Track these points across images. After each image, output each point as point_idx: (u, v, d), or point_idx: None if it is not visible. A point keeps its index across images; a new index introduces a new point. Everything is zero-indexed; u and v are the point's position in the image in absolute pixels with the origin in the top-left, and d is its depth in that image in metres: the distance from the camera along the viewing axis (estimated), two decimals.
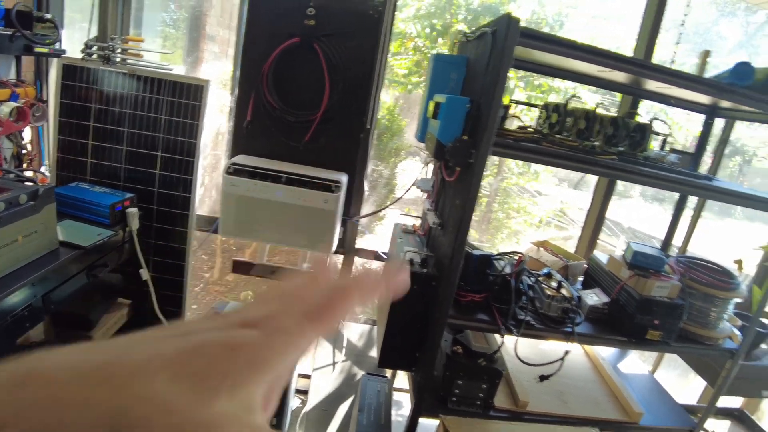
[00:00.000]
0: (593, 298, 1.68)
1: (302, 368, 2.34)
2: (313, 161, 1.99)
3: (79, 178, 1.91)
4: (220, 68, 3.29)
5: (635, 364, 2.20)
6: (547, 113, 1.64)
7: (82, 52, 1.92)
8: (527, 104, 1.64)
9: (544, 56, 1.59)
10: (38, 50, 1.84)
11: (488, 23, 1.45)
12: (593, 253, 1.98)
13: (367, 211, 2.14)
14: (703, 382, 2.10)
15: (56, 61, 1.92)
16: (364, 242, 2.28)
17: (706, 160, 2.21)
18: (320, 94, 1.93)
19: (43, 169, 2.10)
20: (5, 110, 1.75)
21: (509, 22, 1.27)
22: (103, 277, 1.67)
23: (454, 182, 1.47)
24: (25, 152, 2.01)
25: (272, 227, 1.80)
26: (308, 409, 1.96)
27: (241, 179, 1.78)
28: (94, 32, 2.01)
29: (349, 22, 1.91)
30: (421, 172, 1.88)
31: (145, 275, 1.86)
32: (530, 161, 1.59)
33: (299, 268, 2.07)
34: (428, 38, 3.75)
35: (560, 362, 1.54)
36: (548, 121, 1.63)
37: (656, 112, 3.71)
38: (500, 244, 4.65)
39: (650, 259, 1.67)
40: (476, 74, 1.49)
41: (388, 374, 2.12)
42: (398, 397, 2.30)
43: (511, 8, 4.03)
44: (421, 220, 1.90)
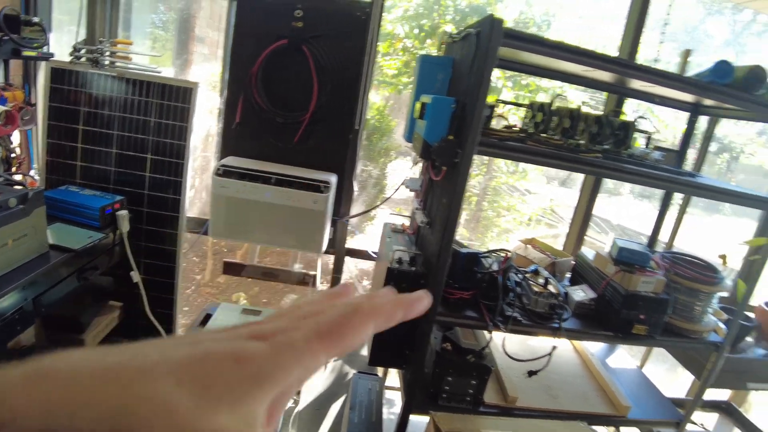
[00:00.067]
0: (580, 294, 1.71)
1: None
2: (302, 162, 2.00)
3: (68, 181, 1.91)
4: (209, 69, 3.30)
5: (624, 359, 2.23)
6: (532, 112, 1.67)
7: (70, 55, 1.92)
8: (513, 104, 1.66)
9: (529, 56, 1.61)
10: (26, 54, 1.84)
11: (473, 24, 1.47)
12: (581, 249, 2.01)
13: (356, 211, 2.15)
14: (691, 375, 2.13)
15: (44, 64, 1.92)
16: (354, 242, 2.30)
17: (698, 157, 2.25)
18: (309, 95, 1.94)
19: (32, 172, 2.10)
20: None
21: (493, 23, 1.28)
22: (93, 279, 1.68)
23: (441, 181, 1.48)
24: (14, 156, 2.01)
25: (262, 228, 1.81)
26: (300, 408, 1.97)
27: (230, 181, 1.79)
28: (82, 35, 2.02)
29: (336, 23, 1.93)
30: (410, 171, 1.90)
31: (135, 278, 1.87)
32: (515, 160, 1.61)
33: (290, 269, 2.08)
34: (417, 38, 3.77)
35: (548, 357, 1.57)
36: (534, 120, 1.65)
37: (644, 110, 3.76)
38: (490, 242, 4.68)
39: (635, 255, 1.70)
40: (462, 75, 1.51)
41: (379, 372, 2.14)
42: (390, 395, 2.31)
43: (498, 8, 4.06)
44: (410, 219, 1.92)
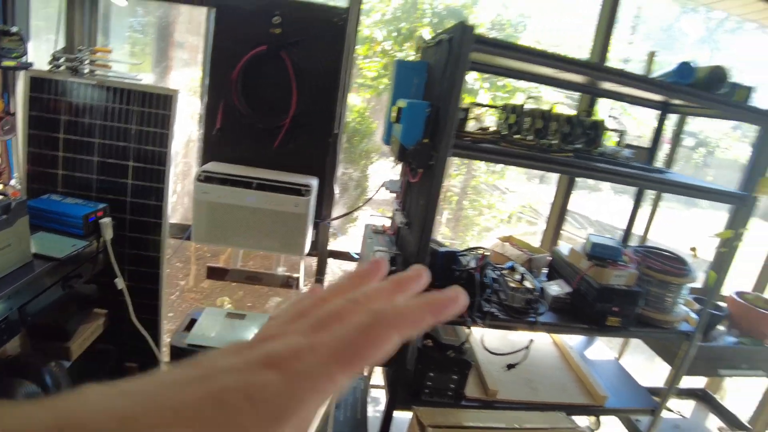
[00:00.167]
0: (556, 288, 1.77)
1: None
2: (283, 166, 2.03)
3: (50, 190, 1.92)
4: (189, 75, 3.30)
5: (602, 350, 2.30)
6: (506, 114, 1.72)
7: (49, 63, 1.93)
8: (487, 106, 1.71)
9: (503, 59, 1.67)
10: (5, 64, 1.84)
11: (446, 30, 1.52)
12: (557, 246, 2.07)
13: (338, 213, 2.19)
14: (667, 365, 2.21)
15: (23, 73, 1.92)
16: (337, 244, 2.34)
17: (669, 153, 2.33)
18: (288, 100, 1.98)
19: (13, 182, 2.09)
20: None
21: (464, 29, 1.33)
22: (78, 288, 1.69)
23: (417, 183, 1.53)
24: None
25: (245, 232, 1.84)
26: None
27: (212, 186, 1.82)
28: (60, 43, 2.02)
29: (314, 29, 1.96)
30: (391, 172, 1.95)
31: (120, 284, 1.88)
32: (489, 161, 1.66)
33: (274, 272, 2.11)
34: (395, 41, 3.83)
35: (525, 351, 1.62)
36: (507, 122, 1.70)
37: (619, 109, 3.84)
38: (472, 240, 4.75)
39: (608, 250, 1.77)
40: (436, 79, 1.55)
41: (365, 371, 2.18)
42: (376, 393, 2.35)
43: (475, 11, 4.13)
44: (391, 220, 1.96)
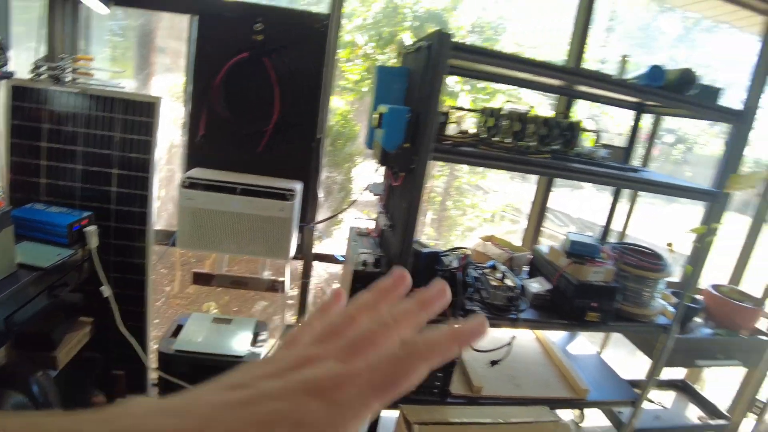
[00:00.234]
0: (536, 286, 1.82)
1: None
2: (267, 171, 2.05)
3: (34, 199, 1.92)
4: (172, 80, 3.30)
5: (584, 345, 2.36)
6: (485, 117, 1.76)
7: (31, 72, 1.93)
8: (466, 110, 1.75)
9: (481, 64, 1.71)
10: None
11: (425, 37, 1.56)
12: (538, 244, 2.12)
13: (323, 216, 2.22)
14: (648, 358, 2.27)
15: (5, 82, 1.92)
16: (322, 247, 2.37)
17: (646, 152, 2.40)
18: (271, 105, 2.00)
19: None
20: None
21: (441, 37, 1.37)
22: (64, 296, 1.69)
23: (400, 186, 1.57)
24: None
25: (230, 238, 1.86)
26: None
27: (196, 192, 1.83)
28: (41, 51, 2.01)
29: (296, 35, 1.99)
30: (375, 175, 1.98)
31: (106, 292, 1.88)
32: (469, 164, 1.70)
33: (259, 276, 2.13)
34: (377, 45, 3.86)
35: (508, 347, 1.67)
36: (486, 125, 1.75)
37: (599, 110, 3.92)
38: (456, 240, 4.81)
39: (586, 247, 1.82)
40: (416, 85, 1.59)
41: None
42: None
43: (456, 14, 4.18)
44: (375, 222, 1.99)
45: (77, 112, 1.88)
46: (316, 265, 2.27)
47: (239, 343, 1.86)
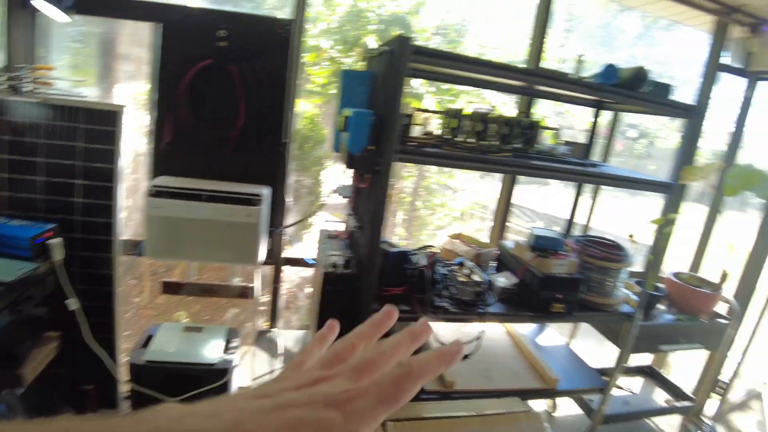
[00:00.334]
0: (503, 280, 1.87)
1: (242, 381, 2.37)
2: (235, 177, 2.05)
3: None
4: (136, 87, 3.26)
5: (553, 336, 2.43)
6: (448, 118, 1.80)
7: None
8: (429, 111, 1.79)
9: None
10: None
11: (387, 42, 1.59)
12: (504, 239, 2.18)
13: (292, 220, 2.23)
14: (615, 346, 2.35)
15: None
16: (292, 251, 2.37)
17: (606, 147, 2.48)
18: (237, 111, 2.00)
19: None
20: None
21: (402, 42, 1.40)
22: (28, 311, 1.66)
23: (367, 188, 1.59)
24: None
25: (198, 245, 1.86)
26: None
27: (163, 200, 1.82)
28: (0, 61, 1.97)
29: (259, 41, 2.00)
30: (342, 178, 2.00)
31: (73, 305, 1.85)
32: (433, 164, 1.75)
33: (229, 283, 2.12)
34: (342, 49, 3.88)
35: (478, 341, 1.71)
36: (449, 126, 1.79)
37: (562, 109, 4.03)
38: (427, 239, 4.87)
39: (550, 241, 1.88)
40: (380, 88, 1.62)
41: None
42: None
43: (420, 17, 4.24)
44: (344, 224, 2.02)
45: (38, 122, 1.85)
46: (286, 269, 2.28)
47: (211, 351, 1.85)
